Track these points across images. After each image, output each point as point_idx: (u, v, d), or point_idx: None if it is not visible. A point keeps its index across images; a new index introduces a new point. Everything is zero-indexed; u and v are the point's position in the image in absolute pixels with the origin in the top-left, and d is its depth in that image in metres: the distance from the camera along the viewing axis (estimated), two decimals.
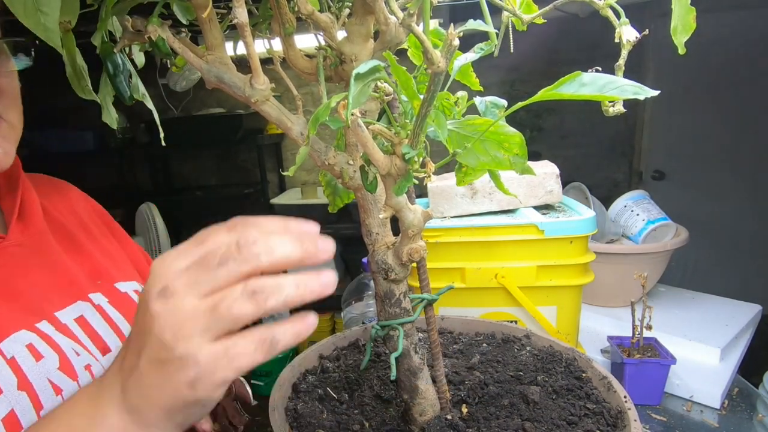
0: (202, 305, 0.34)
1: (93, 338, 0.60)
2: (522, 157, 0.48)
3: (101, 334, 0.61)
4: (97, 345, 0.60)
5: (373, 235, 0.53)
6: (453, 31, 0.33)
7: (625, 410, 0.57)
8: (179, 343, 0.33)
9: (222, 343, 0.34)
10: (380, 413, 0.62)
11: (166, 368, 0.35)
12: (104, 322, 0.62)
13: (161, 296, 0.34)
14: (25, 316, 0.55)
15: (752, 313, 1.44)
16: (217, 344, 0.34)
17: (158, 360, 0.35)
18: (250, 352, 0.34)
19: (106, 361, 0.59)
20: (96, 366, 0.58)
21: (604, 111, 0.44)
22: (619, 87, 0.36)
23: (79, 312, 0.61)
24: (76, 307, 0.61)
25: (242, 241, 0.34)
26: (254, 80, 0.46)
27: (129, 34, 0.50)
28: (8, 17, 0.37)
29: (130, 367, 0.38)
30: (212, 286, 0.34)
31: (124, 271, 0.73)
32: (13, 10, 0.37)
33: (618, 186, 3.23)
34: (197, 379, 0.34)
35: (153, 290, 0.35)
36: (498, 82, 3.10)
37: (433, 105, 0.38)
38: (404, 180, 0.43)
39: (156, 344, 0.34)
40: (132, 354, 0.37)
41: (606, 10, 0.44)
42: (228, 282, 0.34)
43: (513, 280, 1.08)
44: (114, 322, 0.64)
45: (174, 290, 0.34)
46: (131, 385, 0.37)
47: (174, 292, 0.34)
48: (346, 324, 1.33)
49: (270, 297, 0.34)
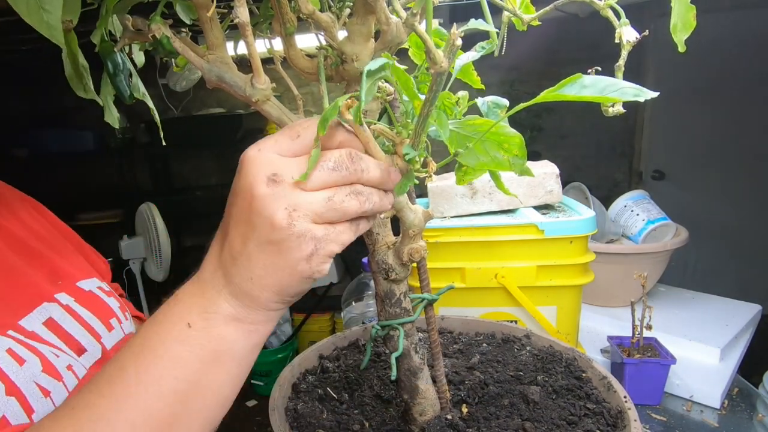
0: (318, 195, 0.38)
1: (66, 340, 0.58)
2: (521, 158, 0.48)
3: (73, 334, 0.59)
4: (71, 346, 0.58)
5: (374, 235, 0.53)
6: (456, 30, 0.33)
7: (625, 410, 0.57)
8: (297, 222, 0.38)
9: (328, 226, 0.40)
10: (380, 413, 0.62)
11: (280, 247, 0.38)
12: (75, 322, 0.60)
13: (272, 181, 0.38)
14: None
15: (752, 313, 1.44)
16: (326, 226, 0.39)
17: (270, 241, 0.38)
18: (348, 231, 0.41)
19: (84, 360, 0.58)
20: (77, 365, 0.56)
21: (603, 111, 0.44)
22: (619, 89, 0.36)
23: (47, 314, 0.58)
24: (42, 310, 0.58)
25: (354, 155, 0.40)
26: (255, 80, 0.46)
27: (129, 33, 0.50)
28: (12, 17, 0.37)
29: (234, 254, 0.40)
30: (325, 182, 0.39)
31: (83, 270, 0.71)
32: (16, 8, 0.37)
33: (618, 186, 3.24)
34: (314, 253, 0.39)
35: (260, 175, 0.38)
36: (498, 82, 3.10)
37: (435, 105, 0.38)
38: (405, 180, 0.43)
39: (267, 226, 0.38)
40: (235, 241, 0.40)
41: (606, 11, 0.44)
42: (339, 182, 0.39)
43: (513, 280, 1.08)
44: (84, 320, 0.62)
45: (284, 177, 0.38)
46: (238, 271, 0.40)
47: (284, 178, 0.38)
48: (346, 324, 1.33)
49: (367, 200, 0.40)
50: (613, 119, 0.51)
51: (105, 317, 0.65)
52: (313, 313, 2.82)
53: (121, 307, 0.70)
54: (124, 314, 0.70)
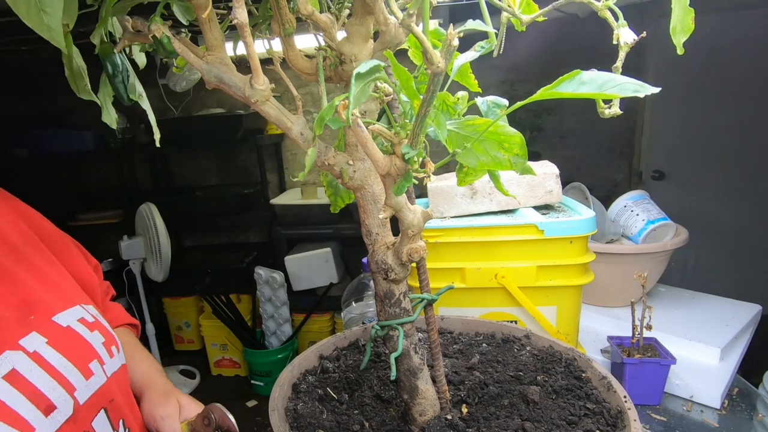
0: None
1: (31, 396, 0.50)
2: (522, 157, 0.48)
3: (41, 388, 0.52)
4: (37, 404, 0.50)
5: (373, 235, 0.53)
6: (452, 31, 0.33)
7: (625, 410, 0.57)
8: None
9: None
10: (380, 413, 0.62)
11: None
12: (44, 373, 0.52)
13: None
14: None
15: (752, 313, 1.44)
16: None
17: None
18: None
19: (51, 422, 0.51)
20: (42, 429, 0.49)
21: (599, 113, 0.44)
22: (618, 85, 0.35)
23: (9, 365, 0.50)
24: (4, 360, 0.50)
25: None
26: (254, 80, 0.46)
27: (129, 34, 0.50)
28: (12, 17, 0.37)
29: None
30: None
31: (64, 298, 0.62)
32: (16, 11, 0.37)
33: (618, 186, 3.23)
34: None
35: None
36: (498, 82, 3.10)
37: (433, 105, 0.38)
38: (404, 180, 0.43)
39: None
40: None
41: (604, 12, 0.44)
42: None
43: (513, 280, 1.08)
44: (56, 369, 0.54)
45: None
46: None
47: None
48: (346, 324, 1.33)
49: None
50: (613, 119, 0.51)
51: (83, 362, 0.57)
52: (313, 314, 2.82)
53: (106, 342, 0.62)
54: (110, 349, 0.62)
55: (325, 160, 0.49)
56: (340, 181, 0.51)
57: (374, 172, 0.51)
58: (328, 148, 0.50)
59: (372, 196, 0.53)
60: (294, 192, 3.09)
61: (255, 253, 3.22)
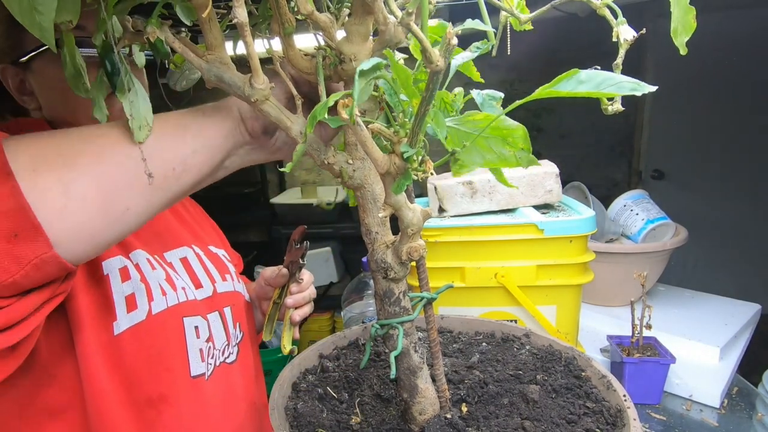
0: None
1: (190, 275, 0.79)
2: (527, 150, 0.47)
3: (197, 273, 0.81)
4: (192, 280, 0.79)
5: (373, 234, 0.54)
6: (451, 29, 0.34)
7: (625, 409, 0.57)
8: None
9: None
10: (380, 412, 0.62)
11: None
12: (200, 266, 0.82)
13: None
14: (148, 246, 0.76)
15: (751, 313, 1.44)
16: None
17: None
18: None
19: (198, 293, 0.78)
20: (189, 291, 0.76)
21: (603, 109, 0.44)
22: (616, 83, 0.36)
23: (184, 254, 0.81)
24: (182, 251, 0.82)
25: None
26: (254, 80, 0.46)
27: (129, 34, 0.50)
28: None
29: None
30: None
31: (218, 240, 0.95)
32: (9, 8, 0.37)
33: (617, 185, 3.23)
34: None
35: None
36: (497, 81, 3.10)
37: (432, 103, 0.38)
38: (403, 178, 0.43)
39: None
40: None
41: (603, 10, 0.44)
42: None
43: (513, 279, 1.08)
44: (207, 267, 0.83)
45: None
46: None
47: None
48: (346, 323, 1.33)
49: None
50: (612, 119, 0.51)
51: (222, 271, 0.86)
52: (313, 313, 2.82)
53: (236, 273, 0.93)
54: (238, 278, 0.93)
55: (325, 159, 0.49)
56: (339, 180, 0.51)
57: (374, 171, 0.51)
58: (328, 148, 0.50)
59: (372, 195, 0.53)
60: (294, 191, 3.09)
61: (255, 252, 3.22)
